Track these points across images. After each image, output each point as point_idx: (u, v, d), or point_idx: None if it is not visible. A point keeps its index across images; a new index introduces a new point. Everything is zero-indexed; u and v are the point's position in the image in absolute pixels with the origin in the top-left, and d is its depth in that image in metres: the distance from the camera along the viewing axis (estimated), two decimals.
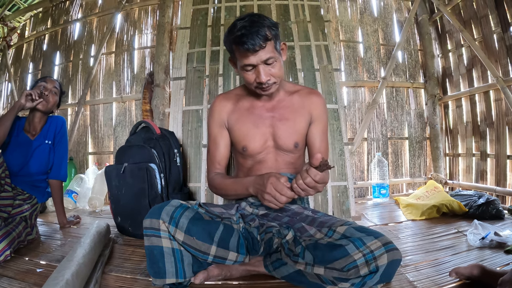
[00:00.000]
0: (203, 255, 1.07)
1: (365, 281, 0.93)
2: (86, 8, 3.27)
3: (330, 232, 1.05)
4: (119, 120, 2.94)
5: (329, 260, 0.96)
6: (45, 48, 3.42)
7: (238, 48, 1.16)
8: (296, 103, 1.34)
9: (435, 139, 2.76)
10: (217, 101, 1.38)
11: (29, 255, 1.43)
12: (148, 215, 1.06)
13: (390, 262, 0.93)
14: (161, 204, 1.08)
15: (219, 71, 2.22)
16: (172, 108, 2.24)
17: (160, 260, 1.02)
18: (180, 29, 2.42)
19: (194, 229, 1.05)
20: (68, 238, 1.71)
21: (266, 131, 1.32)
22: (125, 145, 1.92)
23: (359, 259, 0.92)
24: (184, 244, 1.05)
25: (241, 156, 1.37)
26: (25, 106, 1.65)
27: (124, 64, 2.99)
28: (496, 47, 2.26)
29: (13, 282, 1.14)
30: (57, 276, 0.96)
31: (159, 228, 1.03)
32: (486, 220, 1.68)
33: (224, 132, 1.37)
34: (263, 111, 1.33)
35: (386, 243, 0.94)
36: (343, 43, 2.80)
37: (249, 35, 1.11)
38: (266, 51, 1.15)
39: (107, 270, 1.25)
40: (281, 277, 1.08)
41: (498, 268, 1.12)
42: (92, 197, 2.44)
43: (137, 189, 1.72)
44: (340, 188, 1.97)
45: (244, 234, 1.14)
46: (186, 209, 1.08)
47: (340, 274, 0.94)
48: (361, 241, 0.95)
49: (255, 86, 1.22)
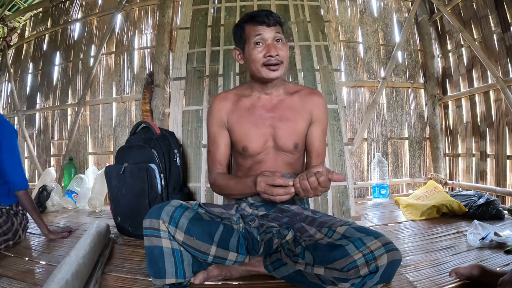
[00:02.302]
0: (203, 255, 1.07)
1: (365, 281, 0.93)
2: (86, 8, 3.27)
3: (330, 232, 1.05)
4: (119, 120, 2.94)
5: (329, 260, 0.96)
6: (45, 48, 3.42)
7: (252, 23, 1.24)
8: (297, 104, 1.34)
9: (435, 139, 2.76)
10: (216, 101, 1.38)
11: (29, 256, 1.44)
12: (148, 215, 1.06)
13: (390, 262, 0.93)
14: (161, 204, 1.09)
15: (219, 71, 2.22)
16: (172, 108, 2.24)
17: (160, 260, 1.03)
18: (180, 29, 2.43)
19: (194, 229, 1.05)
20: (68, 238, 1.70)
21: (267, 132, 1.31)
22: (125, 145, 1.92)
23: (359, 259, 0.92)
24: (184, 244, 1.05)
25: (240, 156, 1.37)
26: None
27: (124, 64, 2.98)
28: (496, 47, 2.26)
29: (13, 282, 1.14)
30: (57, 276, 0.96)
31: (159, 228, 1.03)
32: (486, 220, 1.68)
33: (224, 132, 1.37)
34: (263, 111, 1.33)
35: (386, 243, 0.94)
36: (343, 43, 2.79)
37: (264, 13, 1.23)
38: (278, 29, 1.24)
39: (107, 270, 1.25)
40: (281, 277, 1.08)
41: (498, 268, 1.13)
42: (92, 197, 2.43)
43: (137, 189, 1.72)
44: (340, 189, 1.97)
45: (244, 234, 1.14)
46: (186, 209, 1.08)
47: (340, 275, 0.94)
48: (361, 241, 0.95)
49: (262, 63, 1.23)
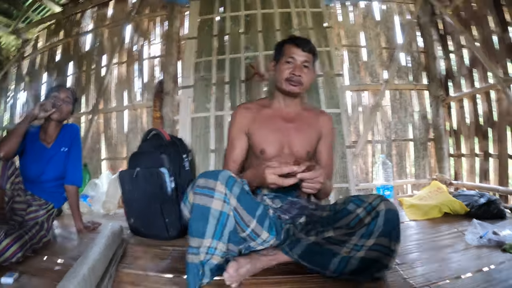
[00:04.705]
0: (245, 226, 1.13)
1: (370, 228, 1.07)
2: (97, 19, 3.39)
3: (332, 206, 1.25)
4: (131, 127, 3.04)
5: (336, 219, 1.15)
6: (58, 58, 3.54)
7: (291, 44, 1.42)
8: (310, 120, 1.52)
9: (439, 140, 2.78)
10: (239, 110, 1.52)
11: (47, 255, 1.51)
12: (201, 175, 1.09)
13: (388, 209, 1.07)
14: (212, 171, 1.18)
15: (225, 80, 2.31)
16: (181, 115, 2.34)
17: (203, 220, 1.04)
18: (188, 39, 2.52)
19: (243, 200, 1.11)
20: (84, 239, 1.80)
21: (284, 139, 1.45)
22: (137, 151, 2.01)
23: (361, 213, 1.10)
24: (235, 210, 1.10)
25: (256, 159, 1.47)
26: (38, 116, 1.70)
27: (135, 73, 3.09)
28: (496, 47, 2.28)
29: (33, 278, 1.23)
30: (75, 271, 1.04)
31: (214, 189, 1.05)
32: (487, 220, 1.68)
33: (243, 137, 1.48)
34: (282, 121, 1.48)
35: (380, 195, 1.12)
36: (346, 47, 2.84)
37: (305, 40, 1.45)
38: (309, 57, 1.42)
39: (121, 267, 1.32)
40: (298, 256, 1.15)
41: (493, 266, 1.17)
42: (106, 201, 2.53)
43: (149, 192, 1.80)
44: (342, 190, 2.04)
45: (274, 220, 1.25)
46: (236, 181, 1.12)
47: (348, 230, 1.10)
48: (358, 199, 1.14)
49: (286, 78, 1.40)
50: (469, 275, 1.12)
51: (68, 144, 1.90)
